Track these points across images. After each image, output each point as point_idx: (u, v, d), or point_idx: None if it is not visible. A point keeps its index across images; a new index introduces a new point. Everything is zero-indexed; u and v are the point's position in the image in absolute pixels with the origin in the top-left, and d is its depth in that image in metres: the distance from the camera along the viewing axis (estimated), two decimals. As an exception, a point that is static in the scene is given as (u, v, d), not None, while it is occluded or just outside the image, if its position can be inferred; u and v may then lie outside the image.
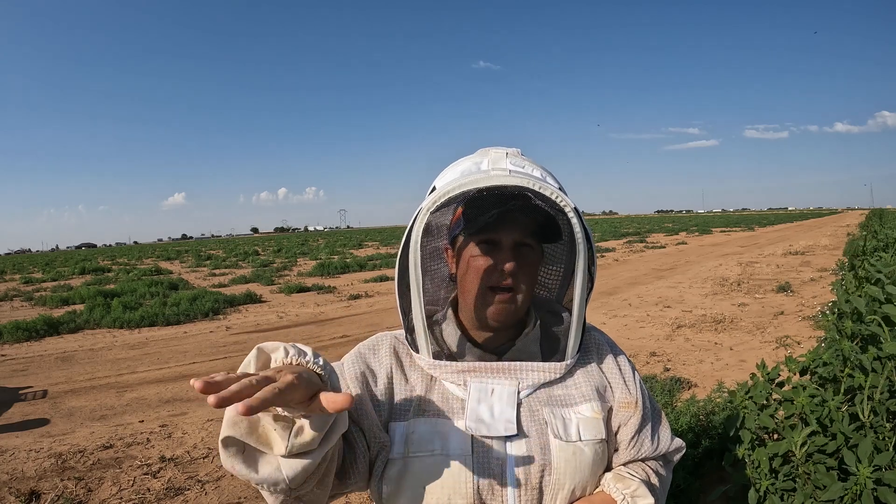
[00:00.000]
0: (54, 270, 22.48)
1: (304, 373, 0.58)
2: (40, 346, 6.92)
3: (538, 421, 0.79)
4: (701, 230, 32.34)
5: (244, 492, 2.77)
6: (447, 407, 0.80)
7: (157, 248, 66.77)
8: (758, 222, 48.05)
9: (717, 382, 3.44)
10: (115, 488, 2.87)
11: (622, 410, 0.85)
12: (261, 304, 9.77)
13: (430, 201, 0.78)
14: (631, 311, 7.04)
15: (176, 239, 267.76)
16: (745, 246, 18.30)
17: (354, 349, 0.87)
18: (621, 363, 0.89)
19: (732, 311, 6.68)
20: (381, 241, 35.41)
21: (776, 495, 1.39)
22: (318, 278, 13.49)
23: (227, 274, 16.41)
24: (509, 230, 0.79)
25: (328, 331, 6.89)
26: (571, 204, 0.77)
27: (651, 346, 5.25)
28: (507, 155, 0.82)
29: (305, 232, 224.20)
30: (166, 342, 6.78)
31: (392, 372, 0.83)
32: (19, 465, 3.16)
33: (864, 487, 1.18)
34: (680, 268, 12.08)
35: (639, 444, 0.85)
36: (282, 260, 21.39)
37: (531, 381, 0.81)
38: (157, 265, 22.17)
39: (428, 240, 0.87)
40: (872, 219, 17.30)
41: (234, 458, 0.59)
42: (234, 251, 32.91)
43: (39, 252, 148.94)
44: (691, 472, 2.27)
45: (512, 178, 0.76)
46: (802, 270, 10.32)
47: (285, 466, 0.59)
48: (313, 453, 0.60)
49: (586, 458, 0.78)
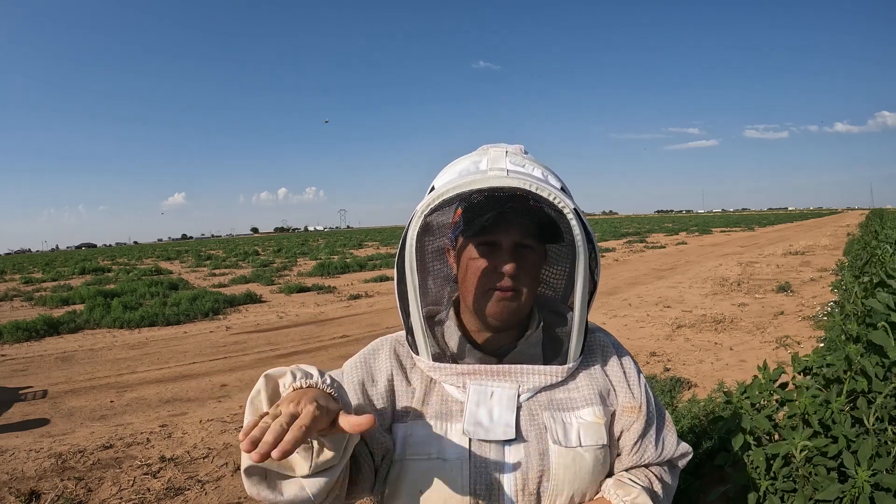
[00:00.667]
0: (54, 270, 22.47)
1: (321, 398, 0.61)
2: (40, 346, 6.92)
3: (538, 425, 0.77)
4: (701, 230, 32.33)
5: (244, 492, 2.77)
6: (446, 409, 0.79)
7: (157, 248, 66.76)
8: (758, 222, 48.03)
9: (717, 382, 3.44)
10: (115, 488, 2.87)
11: (625, 415, 0.83)
12: (261, 304, 9.77)
13: (425, 203, 0.77)
14: (631, 311, 7.04)
15: (176, 239, 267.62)
16: (745, 246, 18.29)
17: (356, 355, 0.87)
18: (626, 366, 0.86)
19: (732, 311, 6.68)
20: (381, 241, 35.39)
21: (776, 496, 1.39)
22: (318, 278, 13.48)
23: (227, 274, 16.41)
24: (508, 231, 0.78)
25: (328, 331, 6.88)
26: (571, 205, 0.75)
27: (651, 346, 5.25)
28: (507, 153, 0.80)
29: (305, 232, 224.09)
30: (166, 342, 6.78)
31: (393, 375, 0.83)
32: (19, 465, 3.16)
33: (862, 491, 1.18)
34: (680, 268, 12.07)
35: (642, 449, 0.83)
36: (282, 260, 21.38)
37: (532, 384, 0.79)
38: (157, 265, 22.17)
39: (430, 239, 0.86)
40: (872, 219, 17.28)
41: (259, 486, 0.62)
42: (234, 251, 32.90)
43: (39, 252, 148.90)
44: (691, 472, 2.27)
45: (509, 179, 0.74)
46: (802, 270, 10.32)
47: (308, 485, 0.62)
48: (334, 469, 0.64)
49: (586, 464, 0.77)
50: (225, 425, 3.71)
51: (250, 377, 4.93)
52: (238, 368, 5.27)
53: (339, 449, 0.63)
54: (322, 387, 0.65)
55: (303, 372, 0.66)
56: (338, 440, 0.63)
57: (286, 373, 0.66)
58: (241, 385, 4.71)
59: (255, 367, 5.26)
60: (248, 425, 0.56)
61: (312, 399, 0.59)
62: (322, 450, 0.63)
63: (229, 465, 3.07)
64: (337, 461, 0.64)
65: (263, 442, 0.53)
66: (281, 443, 0.53)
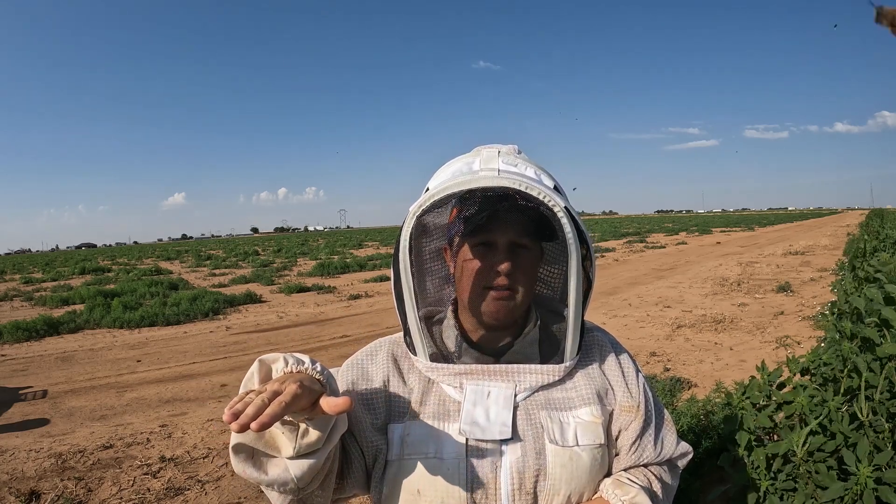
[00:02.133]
0: (54, 270, 22.48)
1: (306, 380, 0.63)
2: (40, 346, 6.92)
3: (534, 425, 0.78)
4: (701, 230, 32.34)
5: (244, 492, 2.77)
6: (443, 409, 0.79)
7: (157, 248, 66.77)
8: (758, 222, 48.03)
9: (716, 383, 3.44)
10: (115, 488, 2.87)
11: (623, 414, 0.83)
12: (261, 304, 9.77)
13: (417, 204, 0.78)
14: (631, 311, 7.04)
15: (176, 239, 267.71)
16: (745, 246, 18.29)
17: (353, 356, 0.88)
18: (624, 365, 0.86)
19: (732, 311, 6.68)
20: (381, 241, 35.40)
21: (776, 495, 1.39)
22: (318, 278, 13.48)
23: (227, 274, 16.41)
24: (503, 231, 0.78)
25: (328, 331, 6.88)
26: (561, 203, 0.75)
27: (651, 346, 5.25)
28: (500, 154, 0.81)
29: (305, 232, 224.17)
30: (166, 342, 6.78)
31: (389, 376, 0.83)
32: (19, 465, 3.16)
33: (865, 487, 1.18)
34: (680, 268, 12.07)
35: (640, 449, 0.82)
36: (282, 260, 21.39)
37: (528, 383, 0.80)
38: (157, 265, 22.17)
39: (427, 240, 0.87)
40: (872, 219, 17.28)
41: (245, 463, 0.64)
42: (234, 251, 32.91)
43: (39, 252, 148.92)
44: (691, 472, 2.27)
45: (500, 178, 0.75)
46: (802, 270, 10.32)
47: (293, 467, 0.64)
48: (318, 453, 0.66)
49: (583, 464, 0.77)
50: (225, 425, 3.71)
51: (250, 377, 4.93)
52: (238, 368, 5.26)
53: (323, 431, 0.65)
54: (312, 373, 0.68)
55: (295, 359, 0.69)
56: (322, 423, 0.65)
57: (279, 358, 0.69)
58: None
59: (255, 367, 5.26)
60: (234, 400, 0.58)
61: (297, 380, 0.62)
62: (307, 431, 0.65)
63: (229, 465, 3.07)
64: (321, 444, 0.65)
65: (244, 414, 0.55)
66: (260, 416, 0.55)
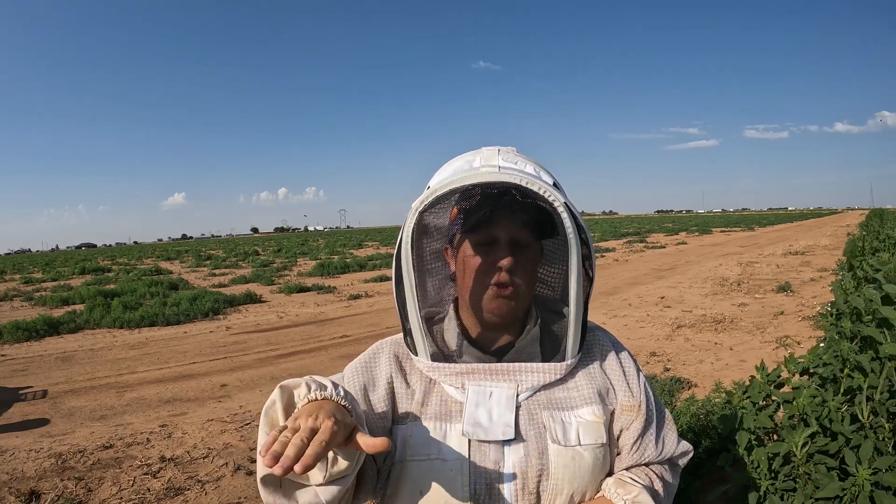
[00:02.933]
0: (54, 270, 22.47)
1: (338, 412, 0.64)
2: (40, 346, 6.92)
3: (537, 425, 0.78)
4: (701, 230, 32.33)
5: (244, 492, 2.77)
6: (445, 410, 0.79)
7: (157, 248, 66.76)
8: (758, 222, 48.02)
9: (716, 382, 3.44)
10: (115, 488, 2.87)
11: (624, 414, 0.83)
12: (261, 304, 9.77)
13: (419, 201, 0.79)
14: (631, 311, 7.04)
15: (176, 239, 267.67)
16: (745, 246, 18.29)
17: (356, 359, 0.88)
18: (625, 364, 0.86)
19: (732, 311, 6.68)
20: (381, 241, 35.40)
21: (776, 495, 1.39)
22: (318, 278, 13.48)
23: (227, 274, 16.41)
24: (504, 227, 0.79)
25: (328, 331, 6.88)
26: (561, 199, 0.76)
27: (651, 346, 5.25)
28: (500, 152, 0.82)
29: (305, 232, 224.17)
30: (166, 342, 6.78)
31: (392, 378, 0.83)
32: (19, 465, 3.16)
33: (862, 489, 1.18)
34: (680, 268, 12.07)
35: (642, 448, 0.83)
36: (282, 260, 21.38)
37: (530, 383, 0.80)
38: (157, 265, 22.17)
39: (427, 242, 0.87)
40: (872, 219, 17.28)
41: (275, 494, 0.64)
42: (234, 251, 32.90)
43: (39, 252, 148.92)
44: (691, 472, 2.27)
45: (501, 174, 0.76)
46: (802, 270, 10.32)
47: (322, 493, 0.65)
48: (347, 477, 0.66)
49: (586, 463, 0.77)
50: (225, 425, 3.71)
51: (250, 377, 4.93)
52: (238, 368, 5.27)
53: (352, 459, 0.66)
54: (336, 399, 0.68)
55: (317, 384, 0.69)
56: (352, 453, 0.66)
57: (301, 384, 0.69)
58: (241, 385, 4.71)
59: (255, 368, 5.26)
60: (268, 440, 0.58)
61: (330, 413, 0.62)
62: (336, 460, 0.66)
63: (229, 465, 3.07)
64: (350, 471, 0.66)
65: (285, 456, 0.55)
66: (302, 458, 0.55)
